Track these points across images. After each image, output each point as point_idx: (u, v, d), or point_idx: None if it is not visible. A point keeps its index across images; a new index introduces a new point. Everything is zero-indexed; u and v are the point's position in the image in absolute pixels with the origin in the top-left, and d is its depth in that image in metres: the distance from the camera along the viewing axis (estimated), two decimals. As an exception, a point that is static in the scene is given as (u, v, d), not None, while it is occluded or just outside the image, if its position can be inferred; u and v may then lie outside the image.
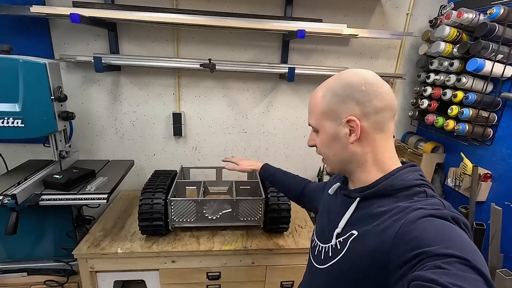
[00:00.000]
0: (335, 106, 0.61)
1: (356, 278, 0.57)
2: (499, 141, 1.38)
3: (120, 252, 1.28)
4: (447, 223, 0.49)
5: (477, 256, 0.43)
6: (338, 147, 0.63)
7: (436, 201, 0.54)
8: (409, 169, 0.61)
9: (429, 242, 0.45)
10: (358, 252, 0.57)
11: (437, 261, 0.42)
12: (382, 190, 0.59)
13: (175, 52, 1.61)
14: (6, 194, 1.10)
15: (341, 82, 0.61)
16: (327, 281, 0.65)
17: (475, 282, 0.40)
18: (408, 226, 0.50)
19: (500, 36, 1.26)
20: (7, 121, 1.15)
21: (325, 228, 0.72)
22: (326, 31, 1.44)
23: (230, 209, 1.36)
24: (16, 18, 1.43)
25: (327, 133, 0.64)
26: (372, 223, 0.57)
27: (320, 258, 0.68)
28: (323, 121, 0.64)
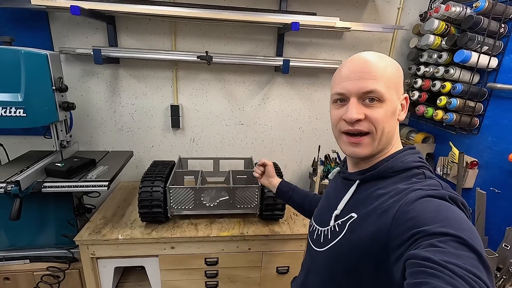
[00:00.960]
0: (399, 79, 0.62)
1: (356, 260, 0.57)
2: (485, 130, 1.44)
3: (121, 238, 1.31)
4: (444, 202, 0.50)
5: (472, 235, 0.44)
6: (394, 123, 0.62)
7: (434, 182, 0.55)
8: (408, 151, 0.62)
9: (426, 221, 0.46)
10: (358, 234, 0.58)
11: (432, 240, 0.43)
12: (382, 172, 0.60)
13: (172, 45, 1.65)
14: (9, 181, 1.14)
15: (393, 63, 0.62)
16: (327, 263, 0.65)
17: (469, 259, 0.41)
18: (406, 207, 0.50)
19: (485, 29, 1.32)
20: (10, 111, 1.18)
21: (323, 211, 0.72)
22: (319, 24, 1.48)
23: (227, 196, 1.41)
24: (16, 11, 1.46)
25: (392, 106, 0.60)
26: (371, 205, 0.57)
27: (320, 241, 0.69)
28: (391, 91, 0.60)
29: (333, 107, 0.65)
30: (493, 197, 1.37)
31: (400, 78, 0.62)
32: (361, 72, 0.59)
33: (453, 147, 1.52)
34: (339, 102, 0.63)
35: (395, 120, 0.62)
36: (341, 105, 0.63)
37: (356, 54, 0.63)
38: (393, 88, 0.60)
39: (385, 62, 0.60)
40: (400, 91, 0.62)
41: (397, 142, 0.65)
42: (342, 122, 0.62)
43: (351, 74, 0.60)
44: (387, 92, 0.58)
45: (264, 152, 1.95)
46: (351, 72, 0.60)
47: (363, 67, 0.59)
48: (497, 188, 1.37)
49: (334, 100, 0.64)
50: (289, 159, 1.99)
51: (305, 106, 1.88)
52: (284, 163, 1.98)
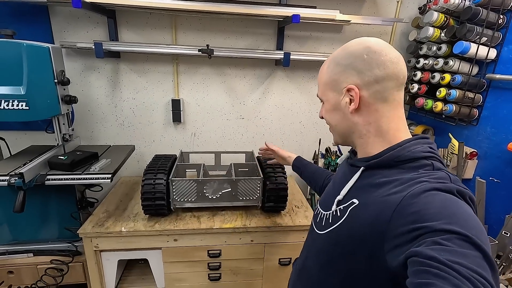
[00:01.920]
0: (337, 75, 0.62)
1: (353, 245, 0.58)
2: (484, 120, 1.46)
3: (124, 230, 1.32)
4: (452, 197, 0.48)
5: (479, 232, 0.43)
6: (340, 117, 0.65)
7: (442, 174, 0.53)
8: (419, 141, 0.59)
9: (431, 217, 0.45)
10: (357, 220, 0.58)
11: (436, 237, 0.42)
12: (387, 161, 0.58)
13: (173, 39, 1.65)
14: (13, 173, 1.14)
15: (345, 51, 0.62)
16: (325, 246, 0.67)
17: (475, 258, 0.40)
18: (410, 199, 0.49)
19: (484, 20, 1.33)
20: (12, 104, 1.18)
21: (328, 196, 0.73)
22: (320, 17, 1.49)
23: (229, 188, 1.42)
24: (16, 5, 1.46)
25: (330, 103, 0.66)
26: (374, 193, 0.57)
27: (321, 224, 0.70)
28: (326, 91, 0.66)
29: None
30: (493, 186, 1.39)
31: (337, 74, 0.63)
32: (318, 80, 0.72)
33: (452, 138, 1.54)
34: None
35: (342, 114, 0.64)
36: None
37: None
38: (328, 88, 0.66)
39: (327, 63, 0.67)
40: (339, 86, 0.63)
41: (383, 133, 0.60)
42: None
43: None
44: (323, 95, 0.68)
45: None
46: None
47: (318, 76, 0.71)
48: (496, 177, 1.39)
49: None
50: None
51: (306, 99, 1.89)
52: (284, 157, 1.99)
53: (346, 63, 0.61)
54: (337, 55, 0.64)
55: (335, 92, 0.64)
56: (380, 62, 0.57)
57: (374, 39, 0.61)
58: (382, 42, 0.60)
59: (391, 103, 0.59)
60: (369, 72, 0.58)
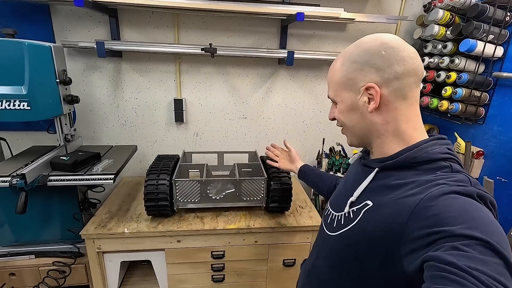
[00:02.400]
0: (353, 74, 0.59)
1: (366, 247, 0.56)
2: (491, 119, 1.44)
3: (127, 232, 1.31)
4: (472, 201, 0.46)
5: (500, 239, 0.41)
6: (357, 117, 0.62)
7: (462, 177, 0.51)
8: (437, 141, 0.57)
9: (450, 221, 0.43)
10: (371, 222, 0.56)
11: (456, 242, 0.41)
12: (403, 162, 0.56)
13: (175, 38, 1.64)
14: (15, 174, 1.13)
15: (360, 48, 0.59)
16: (337, 248, 0.65)
17: (496, 266, 0.38)
18: (429, 202, 0.47)
19: (491, 17, 1.31)
20: (13, 104, 1.16)
21: (339, 197, 0.71)
22: (324, 15, 1.47)
23: (233, 189, 1.40)
24: (17, 4, 1.44)
25: (345, 104, 0.62)
26: (389, 195, 0.55)
27: (332, 225, 0.68)
28: (341, 92, 0.62)
29: None
30: (500, 186, 1.37)
31: (354, 72, 0.59)
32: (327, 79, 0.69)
33: (458, 137, 1.52)
34: None
35: (360, 114, 0.61)
36: None
37: None
38: (342, 88, 0.63)
39: (336, 64, 0.64)
40: (356, 85, 0.60)
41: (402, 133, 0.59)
42: None
43: None
44: (335, 95, 0.65)
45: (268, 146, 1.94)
46: None
47: (328, 75, 0.68)
48: (503, 177, 1.37)
49: None
50: (293, 153, 1.98)
51: (309, 99, 1.87)
52: (288, 156, 1.97)
53: (362, 61, 0.58)
54: (351, 53, 0.60)
55: (351, 91, 0.61)
56: (399, 58, 0.55)
57: (389, 34, 0.59)
58: (397, 37, 0.58)
59: (409, 100, 0.58)
60: (389, 69, 0.56)
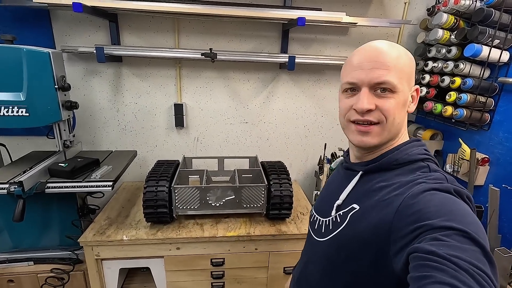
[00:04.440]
0: (412, 70, 0.61)
1: (356, 250, 0.58)
2: (497, 125, 1.41)
3: (126, 239, 1.29)
4: (449, 196, 0.50)
5: (477, 228, 0.44)
6: (404, 114, 0.61)
7: (439, 175, 0.55)
8: (414, 143, 0.61)
9: (430, 215, 0.46)
10: (359, 225, 0.58)
11: (436, 234, 0.43)
12: (386, 164, 0.60)
13: (176, 43, 1.63)
14: (12, 182, 1.12)
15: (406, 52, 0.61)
16: (327, 253, 0.66)
17: (473, 253, 0.41)
18: (411, 200, 0.50)
19: (496, 22, 1.28)
20: (12, 110, 1.16)
21: (324, 202, 0.72)
22: (325, 19, 1.46)
23: (233, 196, 1.38)
24: (18, 10, 1.44)
25: (404, 97, 0.59)
26: (374, 198, 0.57)
27: (321, 231, 0.69)
28: (403, 81, 0.59)
29: (343, 96, 0.64)
30: (506, 194, 1.33)
31: (412, 69, 0.61)
32: (374, 62, 0.57)
33: (463, 143, 1.49)
34: (349, 91, 0.62)
35: (405, 111, 0.62)
36: (352, 94, 0.61)
37: (368, 43, 0.62)
38: (405, 79, 0.58)
39: (398, 51, 0.59)
40: (411, 82, 0.61)
41: (404, 134, 0.64)
42: (352, 111, 0.61)
43: (364, 63, 0.58)
44: (399, 83, 0.57)
45: (269, 151, 1.92)
46: (364, 61, 0.59)
47: (376, 57, 0.57)
48: (509, 184, 1.33)
49: (345, 89, 0.63)
50: (294, 158, 1.96)
51: (311, 103, 1.85)
52: (289, 161, 1.95)
53: (414, 63, 0.62)
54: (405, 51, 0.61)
55: (408, 86, 0.60)
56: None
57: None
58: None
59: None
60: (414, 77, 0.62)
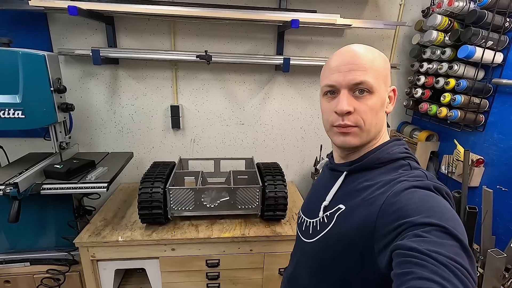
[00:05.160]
0: (388, 71, 0.63)
1: (343, 249, 0.59)
2: (491, 126, 1.41)
3: (121, 240, 1.30)
4: (429, 193, 0.51)
5: (455, 223, 0.46)
6: (382, 115, 0.62)
7: (419, 172, 0.57)
8: (395, 142, 0.63)
9: (411, 212, 0.48)
10: (345, 225, 0.59)
11: (417, 230, 0.45)
12: (368, 164, 0.61)
13: (172, 45, 1.64)
14: (8, 183, 1.13)
15: (380, 54, 0.63)
16: (315, 253, 0.67)
17: (452, 247, 0.43)
18: (393, 198, 0.52)
19: (489, 23, 1.29)
20: (8, 113, 1.17)
21: (311, 203, 0.73)
22: (320, 21, 1.46)
23: (228, 197, 1.39)
24: (15, 13, 1.45)
25: (381, 98, 0.60)
26: (359, 197, 0.59)
27: (308, 232, 0.69)
28: (380, 83, 0.60)
29: (323, 100, 0.65)
30: (500, 195, 1.34)
31: (387, 70, 0.63)
32: (351, 64, 0.59)
33: (458, 145, 1.49)
34: (329, 94, 0.63)
35: (383, 112, 0.63)
36: (332, 97, 0.63)
37: (345, 47, 0.63)
38: (381, 79, 0.60)
39: (373, 54, 0.61)
40: (388, 83, 0.63)
41: (385, 134, 0.66)
42: (333, 115, 0.62)
43: (341, 66, 0.60)
44: (376, 84, 0.59)
45: (265, 152, 1.93)
46: (341, 64, 0.60)
47: (353, 59, 0.59)
48: (504, 186, 1.34)
49: (325, 93, 0.64)
50: (290, 159, 1.97)
51: (306, 105, 1.86)
52: (285, 163, 1.95)
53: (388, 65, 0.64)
54: (379, 53, 0.63)
55: (385, 87, 0.62)
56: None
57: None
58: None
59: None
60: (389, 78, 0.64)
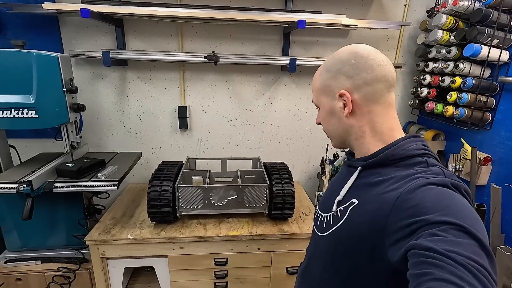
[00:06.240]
0: (328, 81, 0.65)
1: (353, 243, 0.59)
2: (498, 124, 1.41)
3: (130, 238, 1.32)
4: (447, 190, 0.50)
5: (473, 222, 0.44)
6: (336, 121, 0.67)
7: (436, 170, 0.55)
8: (412, 139, 0.62)
9: (427, 210, 0.46)
10: (357, 219, 0.59)
11: (433, 229, 0.44)
12: (382, 160, 0.61)
13: (179, 47, 1.67)
14: (22, 181, 1.16)
15: (334, 58, 0.65)
16: (327, 247, 0.68)
17: (470, 246, 0.41)
18: (407, 195, 0.51)
19: (495, 22, 1.30)
20: (22, 112, 1.20)
21: (327, 198, 0.74)
22: (325, 22, 1.48)
23: (235, 195, 1.40)
24: (27, 16, 1.49)
25: (325, 108, 0.68)
26: (372, 191, 0.59)
27: (322, 226, 0.71)
28: (320, 97, 0.69)
29: None
30: (508, 193, 1.33)
31: (329, 80, 0.65)
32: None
33: (465, 143, 1.49)
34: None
35: (338, 118, 0.66)
36: None
37: None
38: (323, 93, 0.67)
39: (319, 71, 0.68)
40: (332, 92, 0.65)
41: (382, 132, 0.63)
42: None
43: None
44: (318, 100, 0.69)
45: (271, 152, 1.94)
46: None
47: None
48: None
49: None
50: (296, 159, 1.98)
51: (312, 105, 1.85)
52: (292, 163, 1.96)
53: (335, 69, 0.64)
54: (327, 62, 0.67)
55: (328, 97, 0.66)
56: (367, 66, 0.60)
57: (362, 45, 0.64)
58: (369, 47, 0.63)
59: (382, 104, 0.62)
60: (358, 76, 0.61)
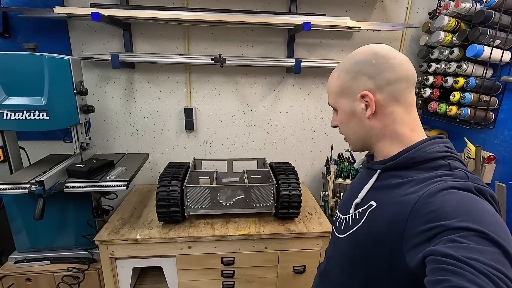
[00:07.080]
0: (348, 83, 0.64)
1: (372, 246, 0.59)
2: (501, 123, 1.43)
3: (139, 237, 1.33)
4: (468, 194, 0.48)
5: (497, 229, 0.42)
6: (356, 123, 0.65)
7: (459, 173, 0.53)
8: (434, 141, 0.59)
9: (447, 215, 0.45)
10: (376, 222, 0.59)
11: (453, 235, 0.42)
12: (402, 163, 0.59)
13: (186, 49, 1.70)
14: (34, 181, 1.17)
15: (352, 59, 0.64)
16: (346, 249, 0.68)
17: (493, 254, 0.39)
18: (427, 199, 0.49)
19: (496, 22, 1.32)
20: (33, 114, 1.22)
21: (346, 200, 0.74)
22: (330, 24, 1.51)
23: (243, 195, 1.42)
24: (37, 20, 1.52)
25: (344, 111, 0.67)
26: (391, 194, 0.58)
27: (341, 228, 0.71)
28: (339, 100, 0.67)
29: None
30: (513, 191, 1.35)
31: (349, 82, 0.64)
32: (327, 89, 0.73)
33: (468, 142, 1.51)
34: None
35: (359, 120, 0.65)
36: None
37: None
38: (342, 95, 0.66)
39: (337, 72, 0.68)
40: (352, 93, 0.64)
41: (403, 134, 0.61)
42: None
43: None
44: (336, 103, 0.68)
45: (276, 153, 1.96)
46: None
47: (327, 85, 0.72)
48: (516, 182, 1.35)
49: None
50: (301, 160, 2.00)
51: (316, 106, 1.89)
52: (296, 163, 1.98)
53: (355, 70, 0.63)
54: (345, 64, 0.66)
55: (348, 99, 0.65)
56: (389, 65, 0.59)
57: (379, 45, 0.63)
58: (387, 46, 0.63)
59: (403, 104, 0.61)
60: (380, 76, 0.60)
